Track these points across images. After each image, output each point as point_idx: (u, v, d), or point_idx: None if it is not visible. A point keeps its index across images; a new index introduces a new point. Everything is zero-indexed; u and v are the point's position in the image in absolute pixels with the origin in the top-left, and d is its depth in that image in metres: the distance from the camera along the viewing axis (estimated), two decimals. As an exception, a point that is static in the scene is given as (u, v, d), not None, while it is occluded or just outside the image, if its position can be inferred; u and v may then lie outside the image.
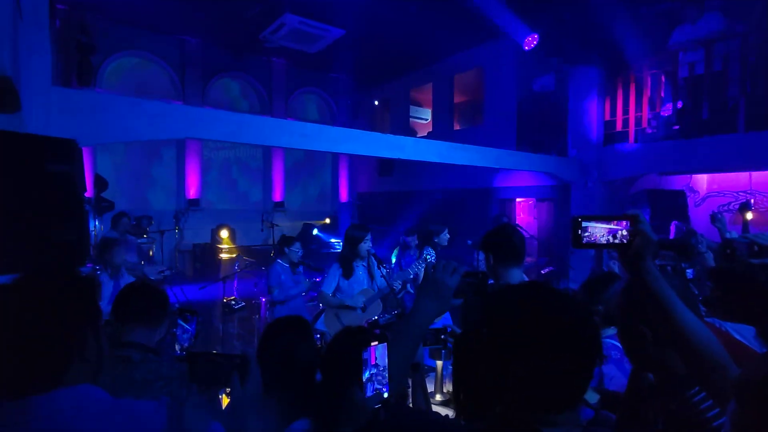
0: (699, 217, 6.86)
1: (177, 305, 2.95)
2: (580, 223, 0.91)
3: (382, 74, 10.42)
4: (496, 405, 0.84)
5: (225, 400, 1.68)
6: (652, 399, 1.02)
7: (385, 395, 1.00)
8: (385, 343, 1.01)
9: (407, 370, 0.99)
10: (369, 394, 0.97)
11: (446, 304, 0.98)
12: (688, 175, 7.15)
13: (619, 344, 1.64)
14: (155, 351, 1.56)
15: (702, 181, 7.26)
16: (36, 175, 1.65)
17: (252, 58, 9.77)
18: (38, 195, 1.62)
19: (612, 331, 1.71)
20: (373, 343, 0.99)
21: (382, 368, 1.00)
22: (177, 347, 1.59)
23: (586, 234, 0.92)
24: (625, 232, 0.91)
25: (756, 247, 2.40)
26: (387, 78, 10.49)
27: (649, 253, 0.89)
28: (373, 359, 0.99)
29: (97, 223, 6.93)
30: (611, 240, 0.91)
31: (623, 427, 1.06)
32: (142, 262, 5.57)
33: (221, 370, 1.09)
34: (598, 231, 0.91)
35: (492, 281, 2.31)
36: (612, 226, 0.91)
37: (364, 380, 0.97)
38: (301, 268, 4.59)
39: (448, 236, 4.91)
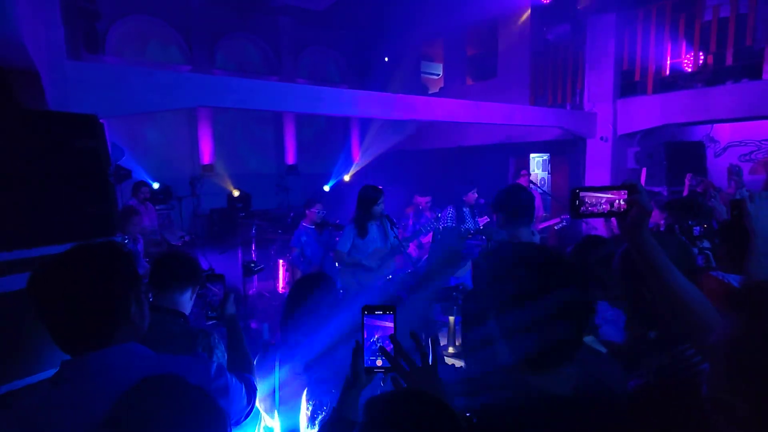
0: (718, 167, 6.71)
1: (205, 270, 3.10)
2: (578, 194, 0.96)
3: (392, 29, 10.08)
4: (496, 358, 0.93)
5: None
6: (648, 353, 1.10)
7: (378, 363, 1.09)
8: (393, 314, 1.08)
9: (423, 325, 1.09)
10: (367, 363, 1.09)
11: (456, 266, 1.05)
12: (709, 125, 6.93)
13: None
14: (185, 317, 1.70)
15: (723, 130, 7.05)
16: (66, 152, 1.73)
17: (258, 17, 9.52)
18: (70, 171, 1.71)
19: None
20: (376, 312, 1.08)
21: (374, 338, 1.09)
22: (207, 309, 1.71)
23: (584, 204, 0.96)
24: (622, 202, 0.95)
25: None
26: (397, 33, 10.15)
27: (645, 222, 0.93)
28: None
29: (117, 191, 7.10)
30: (609, 209, 0.96)
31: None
32: (161, 230, 5.77)
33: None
34: (596, 201, 0.95)
35: (505, 238, 2.39)
36: (610, 196, 0.95)
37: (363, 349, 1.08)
38: (328, 230, 4.64)
39: (476, 196, 4.83)
